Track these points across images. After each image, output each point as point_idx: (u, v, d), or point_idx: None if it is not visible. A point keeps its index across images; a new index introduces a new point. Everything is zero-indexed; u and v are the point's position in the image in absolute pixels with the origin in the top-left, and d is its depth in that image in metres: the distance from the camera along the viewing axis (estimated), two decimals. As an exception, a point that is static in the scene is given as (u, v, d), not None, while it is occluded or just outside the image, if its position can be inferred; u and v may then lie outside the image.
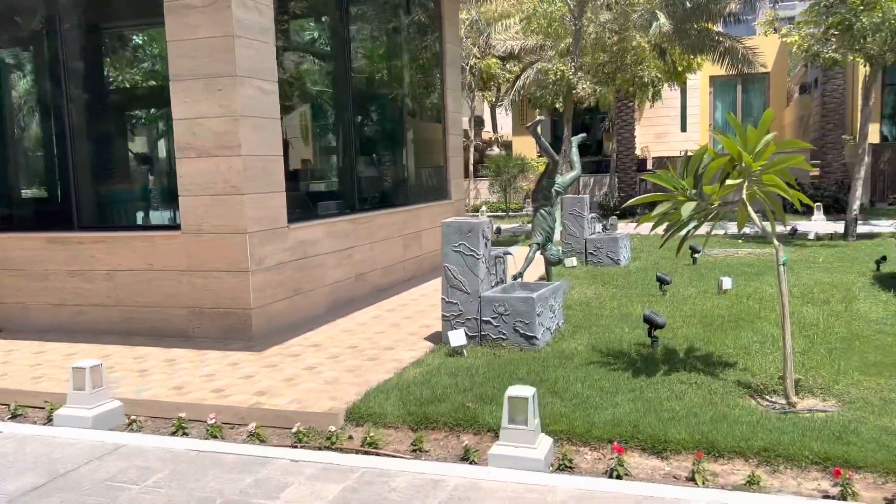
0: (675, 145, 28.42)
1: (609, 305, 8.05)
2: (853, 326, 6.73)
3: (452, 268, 6.31)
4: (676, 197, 5.21)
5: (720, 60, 20.65)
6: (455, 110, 11.99)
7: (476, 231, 6.20)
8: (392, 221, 9.74)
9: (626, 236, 11.45)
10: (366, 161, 9.67)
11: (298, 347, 6.63)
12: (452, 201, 11.90)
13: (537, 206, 8.76)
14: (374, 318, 7.82)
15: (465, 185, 26.52)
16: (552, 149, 8.72)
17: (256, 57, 6.96)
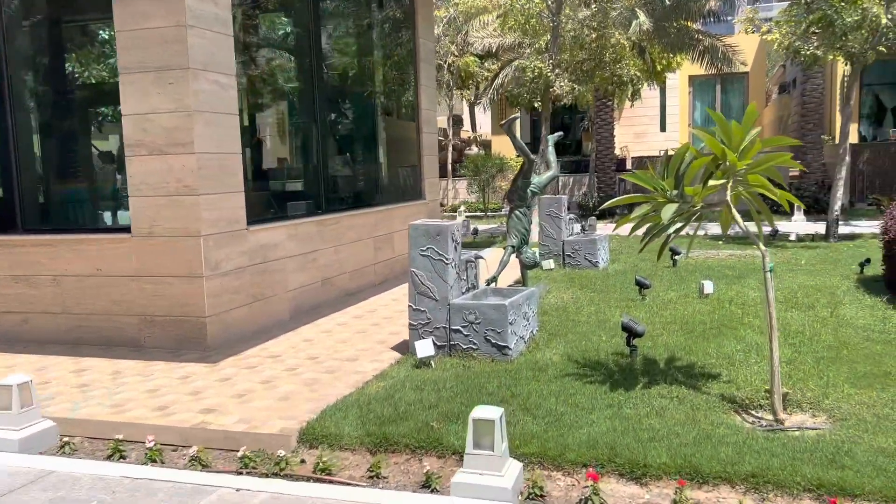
0: (654, 145, 28.28)
1: (586, 311, 7.71)
2: (840, 334, 6.43)
3: (420, 273, 5.93)
4: (656, 198, 4.86)
5: (700, 59, 20.47)
6: (429, 108, 11.61)
7: (445, 234, 5.82)
8: (362, 223, 9.34)
9: (604, 238, 11.13)
10: (334, 160, 9.25)
11: (256, 358, 6.21)
12: (427, 201, 11.51)
13: (513, 207, 8.40)
14: (339, 325, 7.41)
15: (444, 184, 26.14)
16: (528, 148, 8.35)
17: (212, 49, 6.53)
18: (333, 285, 8.62)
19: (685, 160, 4.85)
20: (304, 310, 7.98)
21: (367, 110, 10.14)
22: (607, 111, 20.30)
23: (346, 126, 9.96)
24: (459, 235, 6.06)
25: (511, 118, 7.90)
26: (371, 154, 10.13)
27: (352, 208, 9.28)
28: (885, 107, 24.20)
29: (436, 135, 11.94)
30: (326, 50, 9.23)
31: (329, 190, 8.94)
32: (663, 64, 21.83)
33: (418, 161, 11.42)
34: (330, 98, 9.25)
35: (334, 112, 9.42)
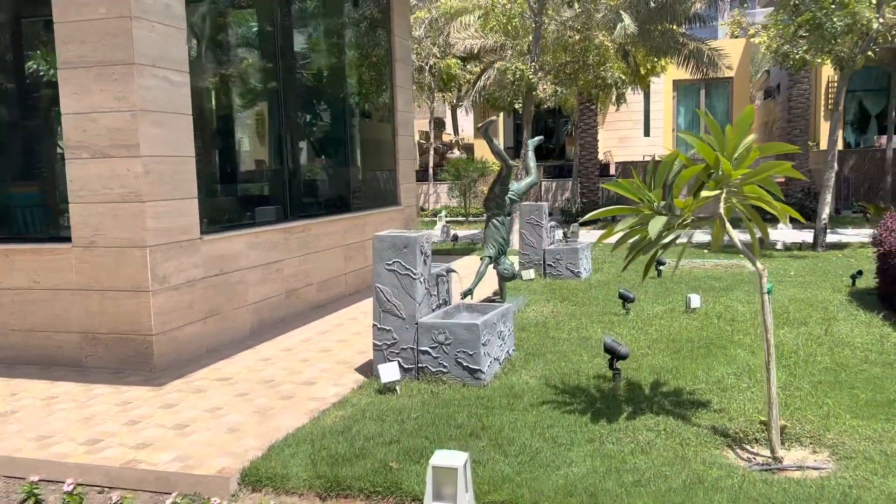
0: (638, 150, 27.97)
1: (567, 326, 7.24)
2: (837, 354, 6.01)
3: (385, 289, 5.43)
4: (642, 210, 4.41)
5: (685, 63, 20.14)
6: (405, 110, 11.12)
7: (413, 246, 5.33)
8: (332, 230, 8.82)
9: (587, 246, 10.69)
10: (302, 164, 8.73)
11: (205, 381, 5.68)
12: (402, 207, 11.02)
13: (490, 215, 7.94)
14: (303, 341, 6.89)
15: (425, 188, 25.65)
16: (511, 153, 7.89)
17: (161, 43, 6.00)
18: (300, 297, 8.10)
19: (674, 168, 4.39)
20: (266, 324, 7.45)
21: (338, 111, 9.63)
22: (591, 115, 19.90)
23: (315, 128, 9.44)
24: (429, 248, 5.57)
25: (488, 121, 7.44)
26: (343, 158, 9.61)
27: (321, 215, 8.76)
28: (868, 113, 24.04)
29: (412, 137, 11.45)
30: (294, 47, 8.72)
31: (296, 196, 8.42)
32: (648, 68, 21.49)
33: (394, 165, 10.93)
34: (298, 98, 8.74)
35: (303, 113, 8.91)
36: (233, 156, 7.71)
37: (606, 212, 4.51)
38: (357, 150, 10.19)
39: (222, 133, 7.45)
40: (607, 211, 4.50)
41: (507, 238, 7.93)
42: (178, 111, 6.19)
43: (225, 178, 7.50)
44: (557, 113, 28.52)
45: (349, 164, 9.60)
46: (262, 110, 8.13)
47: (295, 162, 8.49)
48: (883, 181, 19.24)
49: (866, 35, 11.47)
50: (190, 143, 6.34)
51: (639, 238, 4.35)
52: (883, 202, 18.70)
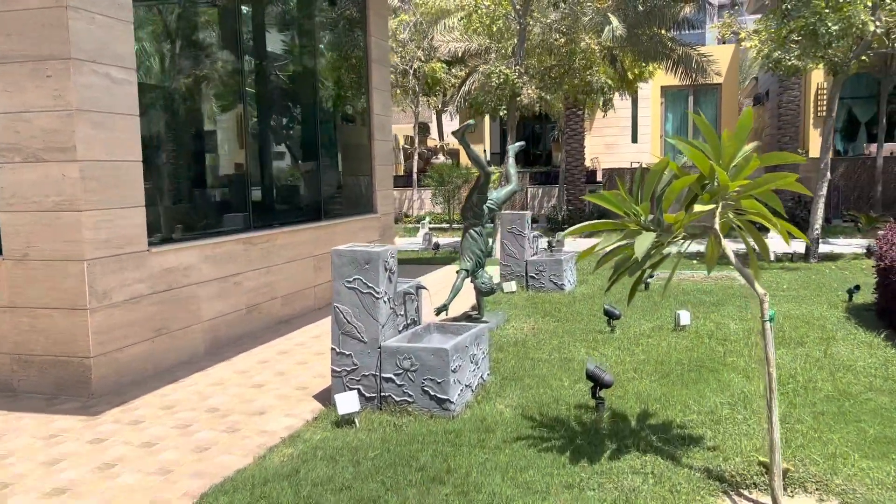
0: (625, 156, 27.61)
1: (548, 346, 6.74)
2: (839, 380, 5.54)
3: (345, 309, 4.90)
4: (628, 226, 3.91)
5: (673, 69, 19.76)
6: (383, 113, 10.61)
7: (376, 262, 4.81)
8: (299, 240, 8.28)
9: (571, 257, 10.21)
10: (267, 169, 8.19)
11: (146, 409, 5.12)
12: (379, 215, 10.49)
13: (467, 225, 7.43)
14: (260, 362, 6.35)
15: (409, 194, 25.14)
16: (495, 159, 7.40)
17: (103, 36, 5.46)
18: (262, 312, 7.56)
19: (663, 179, 3.91)
20: (223, 343, 6.90)
21: (308, 114, 9.10)
22: (577, 121, 19.47)
23: (283, 131, 8.91)
24: (394, 263, 5.05)
25: (464, 125, 6.94)
26: (313, 163, 9.08)
27: (288, 224, 8.22)
28: (858, 121, 23.77)
29: (391, 142, 10.94)
30: (261, 45, 8.19)
31: (260, 203, 7.88)
32: (635, 73, 21.12)
33: (370, 171, 10.41)
34: (263, 99, 8.21)
35: (268, 115, 8.37)
36: (188, 161, 7.17)
37: (588, 227, 4.01)
38: (329, 155, 9.67)
39: (176, 136, 6.91)
40: (590, 226, 4.01)
41: (485, 250, 7.42)
42: (122, 111, 5.65)
43: (178, 185, 6.95)
44: (544, 119, 28.11)
45: (320, 169, 9.07)
46: (222, 112, 7.59)
47: (259, 167, 7.96)
48: (873, 190, 18.91)
49: (861, 39, 11.09)
50: (136, 147, 5.80)
51: (623, 257, 3.86)
52: (873, 211, 18.37)
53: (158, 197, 6.38)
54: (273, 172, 8.37)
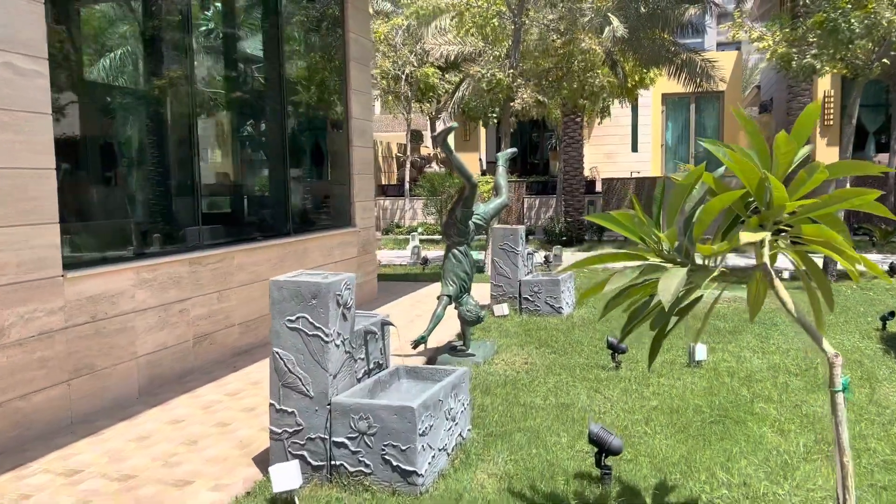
0: (625, 166, 26.72)
1: (543, 386, 5.77)
2: (893, 436, 4.57)
3: (286, 356, 3.92)
4: (645, 256, 2.94)
5: (676, 74, 18.82)
6: (362, 117, 9.65)
7: (325, 297, 3.84)
8: (262, 259, 7.31)
9: (569, 277, 9.23)
10: (221, 178, 7.22)
11: (42, 476, 4.13)
12: (357, 229, 9.52)
13: (450, 244, 6.47)
14: (203, 408, 5.36)
15: (401, 204, 24.18)
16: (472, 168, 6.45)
17: (2, 19, 4.50)
18: (215, 343, 6.57)
19: (693, 195, 2.94)
20: (164, 381, 5.91)
21: (275, 116, 8.13)
22: (576, 128, 18.53)
23: (242, 136, 7.94)
24: (350, 296, 4.07)
25: (446, 128, 5.99)
26: (279, 171, 8.10)
27: (248, 240, 7.24)
28: (866, 130, 22.90)
29: (371, 149, 9.98)
30: (214, 35, 7.24)
31: (213, 217, 6.90)
32: (636, 79, 20.21)
33: (348, 180, 9.44)
34: (218, 98, 7.25)
35: (225, 117, 7.41)
36: (121, 168, 6.20)
37: (595, 260, 3.03)
38: (300, 163, 8.72)
39: (105, 139, 5.94)
40: (596, 259, 3.03)
41: (470, 272, 6.46)
42: (29, 108, 4.68)
43: (107, 197, 5.98)
44: (542, 126, 27.23)
45: (287, 178, 8.09)
46: (165, 111, 6.62)
47: (213, 176, 6.99)
48: (886, 201, 17.96)
49: (883, 40, 10.17)
50: (48, 152, 4.83)
51: (641, 300, 2.89)
52: (885, 224, 17.42)
53: (81, 211, 5.41)
54: (231, 182, 7.40)
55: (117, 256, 5.61)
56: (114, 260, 5.52)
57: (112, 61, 5.95)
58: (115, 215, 5.98)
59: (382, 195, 25.43)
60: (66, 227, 5.02)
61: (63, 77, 5.36)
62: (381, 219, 24.37)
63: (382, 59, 23.17)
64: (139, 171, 6.37)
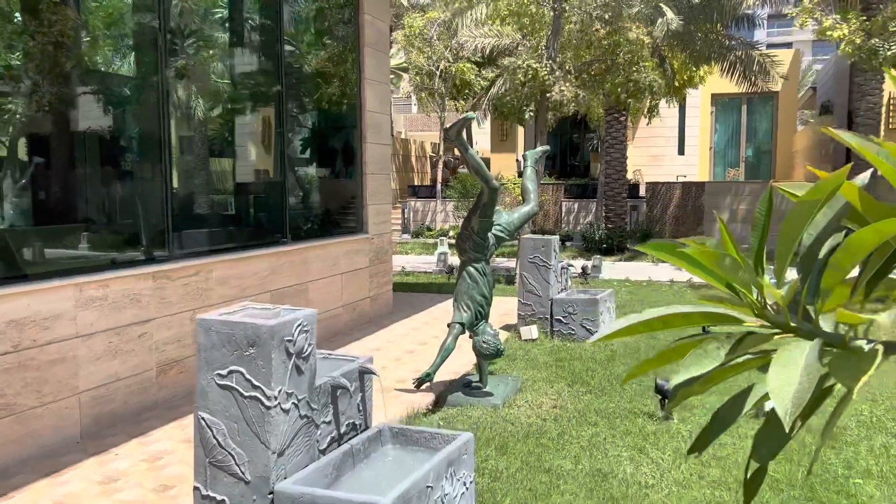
0: (671, 170, 25.28)
1: (574, 443, 4.62)
2: None
3: (216, 424, 2.87)
4: (739, 319, 1.79)
5: (729, 72, 17.41)
6: (378, 109, 8.60)
7: (267, 344, 2.76)
8: (248, 271, 6.30)
9: (609, 295, 8.04)
10: (198, 175, 6.22)
11: None
12: (370, 236, 8.47)
13: (465, 260, 5.36)
14: (150, 460, 4.34)
15: (433, 206, 23.14)
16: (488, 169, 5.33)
17: None
18: (186, 372, 5.56)
19: (818, 221, 1.77)
20: (115, 419, 4.92)
21: (269, 105, 7.11)
22: (619, 128, 17.24)
23: (227, 125, 6.92)
24: (307, 340, 2.99)
25: (461, 118, 4.89)
26: (276, 169, 7.08)
27: (230, 249, 6.24)
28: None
29: (388, 146, 8.93)
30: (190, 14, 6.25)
31: (185, 221, 5.90)
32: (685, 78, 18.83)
33: (360, 180, 8.39)
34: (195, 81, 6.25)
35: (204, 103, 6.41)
36: (65, 161, 5.22)
37: (651, 326, 1.89)
38: (301, 160, 7.70)
39: (42, 128, 4.97)
40: (657, 323, 1.88)
41: (488, 295, 5.34)
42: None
43: (44, 196, 5.00)
44: (583, 126, 25.94)
45: (284, 176, 7.06)
46: (126, 94, 5.64)
47: (188, 172, 6.00)
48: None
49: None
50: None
51: (735, 403, 1.74)
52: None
53: (6, 215, 4.44)
54: (210, 180, 6.40)
55: (53, 270, 4.62)
56: (47, 275, 4.53)
57: (61, 34, 4.98)
58: (54, 218, 5.00)
59: (414, 196, 24.43)
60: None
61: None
62: (412, 221, 23.38)
63: (417, 54, 22.18)
64: (90, 165, 5.38)
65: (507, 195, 21.63)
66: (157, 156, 5.47)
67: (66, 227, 5.00)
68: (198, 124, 6.12)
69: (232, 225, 6.51)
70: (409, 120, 36.37)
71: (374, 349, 7.12)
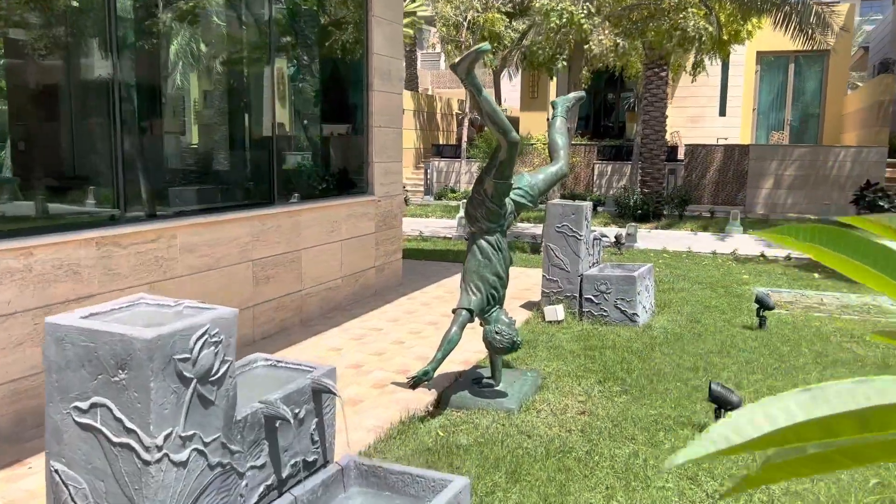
0: (711, 132, 23.79)
1: (605, 466, 3.63)
2: None
3: (76, 481, 1.91)
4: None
5: (783, 23, 15.87)
6: (388, 53, 7.51)
7: (143, 368, 1.79)
8: (223, 236, 5.35)
9: (648, 272, 6.97)
10: (160, 120, 5.22)
11: None
12: (375, 198, 7.46)
13: (475, 230, 4.35)
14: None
15: (457, 166, 22.02)
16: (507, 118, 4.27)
17: None
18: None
19: None
20: (41, 420, 4.03)
21: (254, 47, 6.06)
22: (660, 84, 15.84)
23: (199, 64, 5.87)
24: (219, 357, 2.01)
25: (471, 51, 3.82)
26: (258, 116, 6.06)
27: (198, 212, 5.28)
28: None
29: (400, 95, 7.85)
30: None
31: (134, 175, 4.92)
32: (731, 32, 17.31)
33: (365, 134, 7.36)
34: (147, 21, 5.23)
35: (162, 28, 5.38)
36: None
37: (772, 442, 0.85)
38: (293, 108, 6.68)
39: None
40: (785, 436, 0.85)
41: (504, 275, 4.32)
42: None
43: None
44: (619, 84, 24.49)
45: (272, 127, 6.05)
46: (63, 23, 4.62)
47: (147, 115, 5.01)
48: None
49: None
50: None
51: None
52: None
53: None
54: (176, 128, 5.40)
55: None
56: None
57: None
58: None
59: (438, 156, 23.32)
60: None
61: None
62: (436, 182, 22.31)
63: (444, 3, 20.88)
64: (14, 101, 4.41)
65: (536, 156, 20.42)
66: (104, 92, 4.49)
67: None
68: (161, 57, 5.12)
69: (204, 181, 5.53)
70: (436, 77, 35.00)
71: (374, 329, 6.18)
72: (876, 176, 17.09)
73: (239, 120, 6.04)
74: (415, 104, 25.17)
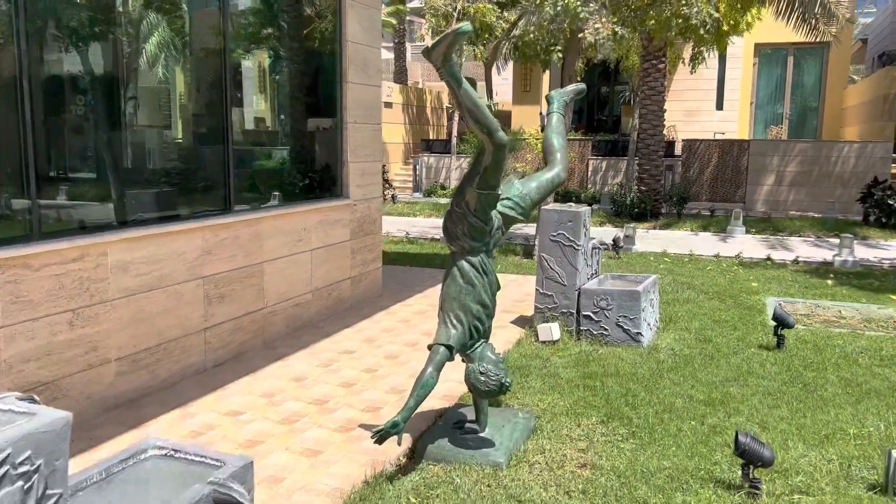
0: (708, 126, 23.11)
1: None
2: None
3: None
4: None
5: (786, 13, 15.22)
6: (364, 41, 6.78)
7: None
8: (165, 252, 4.62)
9: (652, 284, 6.28)
10: (84, 119, 4.46)
11: None
12: (351, 202, 6.73)
13: (455, 250, 3.62)
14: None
15: (446, 162, 21.27)
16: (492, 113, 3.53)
17: None
18: (62, 398, 3.94)
19: None
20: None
21: (206, 23, 5.31)
22: (658, 76, 15.14)
23: (137, 52, 5.10)
24: (39, 488, 1.28)
25: (449, 33, 3.10)
26: (210, 112, 5.31)
27: (134, 223, 4.54)
28: None
29: (378, 88, 7.11)
30: None
31: (51, 184, 4.18)
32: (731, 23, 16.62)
33: (339, 130, 6.63)
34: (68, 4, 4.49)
35: (103, 26, 4.62)
36: None
37: None
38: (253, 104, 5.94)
39: None
40: None
41: (490, 302, 3.61)
42: None
43: None
44: (613, 77, 23.78)
45: (225, 122, 5.30)
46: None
47: (63, 112, 4.26)
48: None
49: None
50: None
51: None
52: None
53: None
54: (109, 127, 4.63)
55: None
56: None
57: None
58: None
59: (427, 151, 22.58)
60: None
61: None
62: (425, 179, 21.58)
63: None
64: None
65: (529, 151, 19.70)
66: (12, 93, 3.74)
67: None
68: (88, 42, 4.37)
69: (144, 187, 4.78)
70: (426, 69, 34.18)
71: (346, 351, 5.46)
72: (881, 172, 16.45)
73: (187, 115, 5.28)
74: (403, 98, 24.39)
